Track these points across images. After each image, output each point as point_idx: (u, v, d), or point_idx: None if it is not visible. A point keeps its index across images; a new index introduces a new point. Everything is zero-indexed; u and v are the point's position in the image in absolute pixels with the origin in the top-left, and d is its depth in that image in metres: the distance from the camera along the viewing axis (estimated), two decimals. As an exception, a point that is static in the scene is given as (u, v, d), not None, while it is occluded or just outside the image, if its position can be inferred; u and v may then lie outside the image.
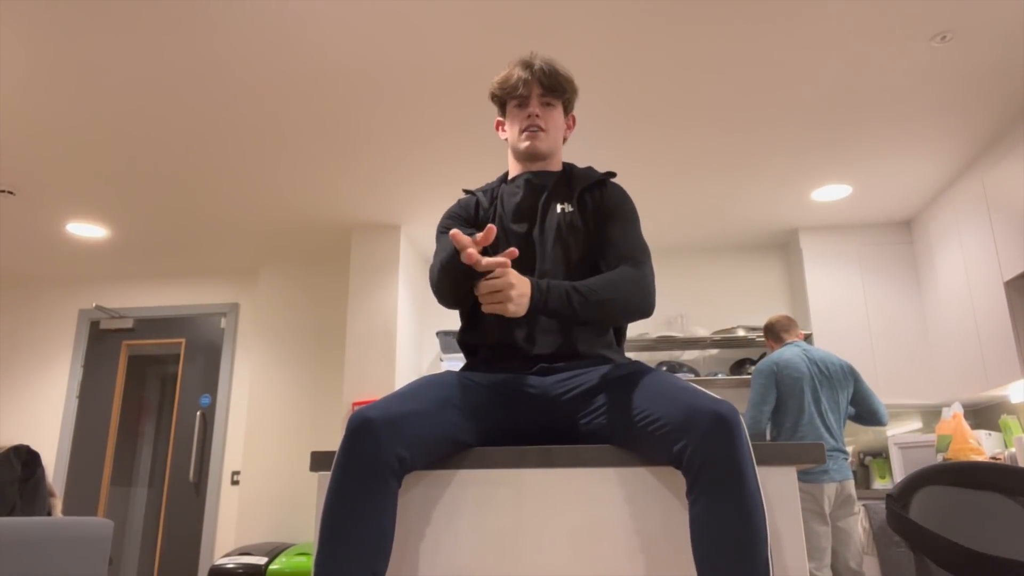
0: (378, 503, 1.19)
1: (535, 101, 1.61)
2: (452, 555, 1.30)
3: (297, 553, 3.97)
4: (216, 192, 4.12)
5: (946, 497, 1.08)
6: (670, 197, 4.21)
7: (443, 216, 1.68)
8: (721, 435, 1.14)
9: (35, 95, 3.15)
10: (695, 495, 1.15)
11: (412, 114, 3.34)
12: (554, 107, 1.64)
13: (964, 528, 0.99)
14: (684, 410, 1.19)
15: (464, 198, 1.69)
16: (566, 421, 1.41)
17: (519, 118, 1.63)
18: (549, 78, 1.60)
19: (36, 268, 5.35)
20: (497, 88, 1.64)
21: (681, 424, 1.18)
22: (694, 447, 1.15)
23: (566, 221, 1.55)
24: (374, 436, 1.21)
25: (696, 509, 1.14)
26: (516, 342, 1.49)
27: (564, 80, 1.63)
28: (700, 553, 1.13)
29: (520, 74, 1.60)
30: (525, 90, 1.60)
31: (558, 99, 1.64)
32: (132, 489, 5.18)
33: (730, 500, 1.12)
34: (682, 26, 2.75)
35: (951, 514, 1.04)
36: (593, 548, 1.28)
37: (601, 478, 1.31)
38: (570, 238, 1.54)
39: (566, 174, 1.65)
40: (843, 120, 3.42)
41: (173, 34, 2.76)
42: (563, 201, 1.59)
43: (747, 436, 1.17)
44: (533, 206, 1.58)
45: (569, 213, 1.56)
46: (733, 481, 1.12)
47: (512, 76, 1.61)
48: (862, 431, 4.51)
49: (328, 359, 4.96)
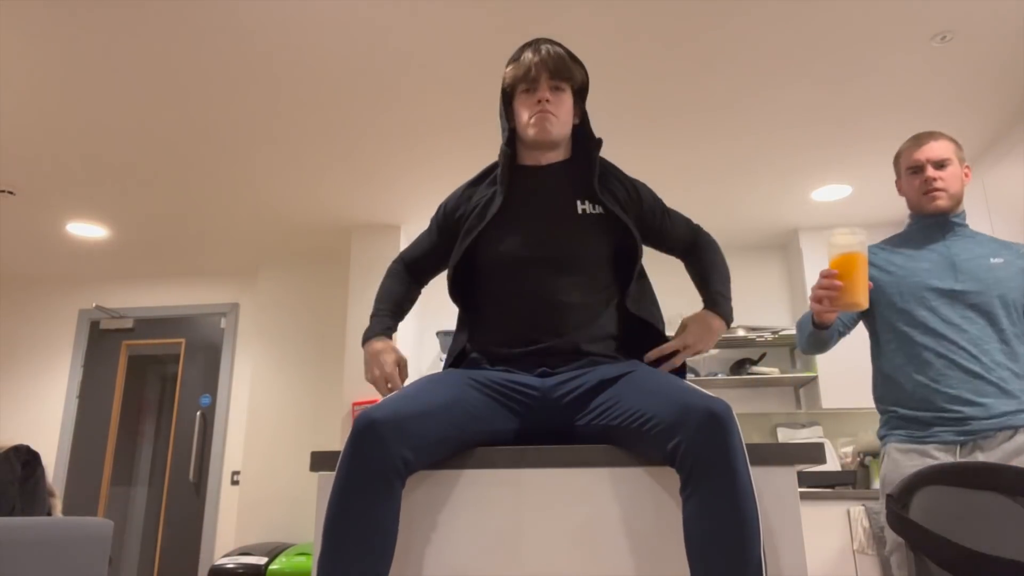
0: (383, 505, 1.19)
1: (544, 85, 1.54)
2: (452, 555, 1.30)
3: (297, 553, 3.97)
4: (216, 192, 4.12)
5: (946, 497, 1.08)
6: (670, 197, 4.21)
7: (438, 210, 1.68)
8: (714, 432, 1.15)
9: (35, 95, 3.15)
10: (688, 492, 1.15)
11: (412, 114, 3.34)
12: (564, 91, 1.56)
13: (964, 528, 0.99)
14: (677, 408, 1.19)
15: (457, 190, 1.66)
16: (565, 423, 1.41)
17: (527, 104, 1.55)
18: (557, 61, 1.53)
19: (36, 268, 5.35)
20: (508, 75, 1.58)
21: (674, 422, 1.18)
22: (687, 444, 1.15)
23: (583, 212, 1.53)
24: (380, 438, 1.20)
25: (689, 506, 1.15)
26: (517, 343, 1.49)
27: (574, 64, 1.57)
28: (693, 550, 1.13)
29: (529, 57, 1.54)
30: (535, 72, 1.53)
31: (567, 83, 1.57)
32: (132, 489, 5.18)
33: (723, 497, 1.12)
34: (682, 26, 2.75)
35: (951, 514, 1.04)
36: (593, 548, 1.28)
37: (601, 478, 1.31)
38: (588, 230, 1.52)
39: (577, 163, 1.61)
40: (843, 120, 3.42)
41: (173, 34, 2.76)
42: (579, 194, 1.56)
43: (740, 433, 1.18)
44: (546, 197, 1.55)
45: (586, 205, 1.54)
46: (726, 478, 1.12)
47: (522, 60, 1.55)
48: (862, 430, 4.51)
49: (328, 359, 4.96)
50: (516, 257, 1.50)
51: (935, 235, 2.06)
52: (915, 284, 2.01)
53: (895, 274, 2.05)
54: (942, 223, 2.05)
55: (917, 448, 1.93)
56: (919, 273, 2.01)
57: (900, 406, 1.99)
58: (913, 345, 1.97)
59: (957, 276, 1.98)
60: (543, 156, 1.59)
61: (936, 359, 1.94)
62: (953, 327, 1.94)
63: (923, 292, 1.99)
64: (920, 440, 1.93)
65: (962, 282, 1.97)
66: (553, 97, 1.54)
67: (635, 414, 1.26)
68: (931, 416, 1.92)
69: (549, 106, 1.53)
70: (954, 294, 1.96)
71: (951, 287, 1.97)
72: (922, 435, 1.93)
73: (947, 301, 1.96)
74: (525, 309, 1.49)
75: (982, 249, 2.02)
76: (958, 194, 2.03)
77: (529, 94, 1.55)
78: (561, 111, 1.55)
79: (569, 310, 1.47)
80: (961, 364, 1.91)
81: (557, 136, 1.56)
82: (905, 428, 1.96)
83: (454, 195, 1.66)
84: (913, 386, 1.95)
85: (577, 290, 1.48)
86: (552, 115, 1.53)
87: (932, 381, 1.93)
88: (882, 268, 2.08)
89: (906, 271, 2.04)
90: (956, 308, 1.95)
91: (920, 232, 2.09)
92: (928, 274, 2.00)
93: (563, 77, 1.55)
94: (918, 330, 1.97)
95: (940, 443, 1.91)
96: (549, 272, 1.49)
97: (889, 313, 2.04)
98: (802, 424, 4.57)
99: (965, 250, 2.02)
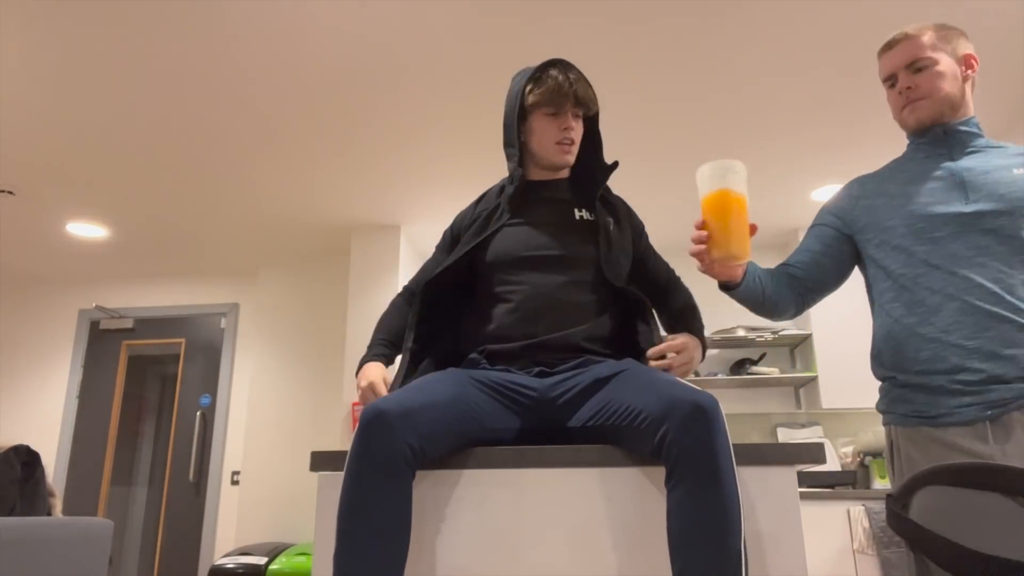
0: (395, 493, 1.20)
1: (570, 113, 1.58)
2: (451, 555, 1.31)
3: (297, 553, 3.97)
4: (216, 192, 4.12)
5: (946, 497, 1.08)
6: (670, 197, 4.21)
7: (444, 233, 1.74)
8: (699, 425, 1.16)
9: (35, 95, 3.15)
10: (672, 483, 1.16)
11: (412, 114, 3.34)
12: (580, 119, 1.62)
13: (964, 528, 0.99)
14: (664, 400, 1.21)
15: (461, 213, 1.72)
16: (562, 423, 1.42)
17: (552, 127, 1.58)
18: (584, 91, 1.58)
19: (36, 268, 5.35)
20: (535, 94, 1.57)
21: (661, 414, 1.20)
22: (672, 436, 1.16)
23: (580, 219, 1.60)
24: (389, 427, 1.21)
25: (672, 497, 1.16)
26: (515, 338, 1.51)
27: (593, 99, 1.61)
28: (673, 540, 1.14)
29: (559, 80, 1.56)
30: (565, 99, 1.56)
31: (586, 113, 1.62)
32: (132, 489, 5.18)
33: (705, 488, 1.13)
34: (681, 26, 2.75)
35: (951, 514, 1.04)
36: (592, 548, 1.28)
37: (600, 478, 1.31)
38: (583, 234, 1.58)
39: (580, 179, 1.67)
40: (843, 120, 3.42)
41: (173, 34, 2.76)
42: (581, 207, 1.63)
43: (726, 427, 1.19)
44: (547, 208, 1.61)
45: (583, 212, 1.61)
46: (709, 470, 1.13)
47: (550, 82, 1.56)
48: (862, 430, 4.51)
49: (328, 359, 4.96)
50: (515, 258, 1.55)
51: (939, 151, 1.61)
52: (911, 214, 1.57)
53: (886, 205, 1.62)
54: (942, 136, 1.61)
55: (934, 435, 1.46)
56: (917, 200, 1.57)
57: (900, 371, 1.54)
58: (914, 289, 1.53)
59: (968, 196, 1.53)
60: (551, 173, 1.66)
61: (945, 303, 1.49)
62: (965, 261, 1.49)
63: (922, 222, 1.55)
64: (934, 422, 1.46)
65: (974, 202, 1.52)
66: (575, 125, 1.59)
67: (627, 411, 1.28)
68: (944, 381, 1.46)
69: (574, 133, 1.59)
70: (964, 219, 1.51)
71: (959, 211, 1.52)
72: (935, 414, 1.46)
73: (955, 229, 1.51)
74: (523, 306, 1.52)
75: (1003, 160, 1.57)
76: (948, 97, 1.59)
77: (553, 118, 1.58)
78: (578, 138, 1.61)
79: (566, 308, 1.51)
80: (979, 306, 1.45)
81: (572, 162, 1.63)
82: (909, 402, 1.51)
83: (462, 216, 1.71)
84: (918, 342, 1.50)
85: (573, 289, 1.53)
86: (575, 145, 1.60)
87: (942, 332, 1.47)
88: (871, 200, 1.66)
89: (901, 199, 1.60)
90: (968, 236, 1.50)
91: (919, 151, 1.65)
92: (929, 199, 1.56)
93: (587, 107, 1.59)
94: (919, 269, 1.53)
95: (962, 423, 1.42)
96: (546, 272, 1.53)
97: (881, 254, 1.61)
98: (802, 424, 4.57)
99: (979, 163, 1.56)
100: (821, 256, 1.70)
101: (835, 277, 1.71)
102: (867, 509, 3.62)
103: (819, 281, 1.70)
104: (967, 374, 1.43)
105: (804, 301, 1.73)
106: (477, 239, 1.59)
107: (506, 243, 1.57)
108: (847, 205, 1.70)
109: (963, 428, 1.42)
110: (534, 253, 1.54)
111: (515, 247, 1.56)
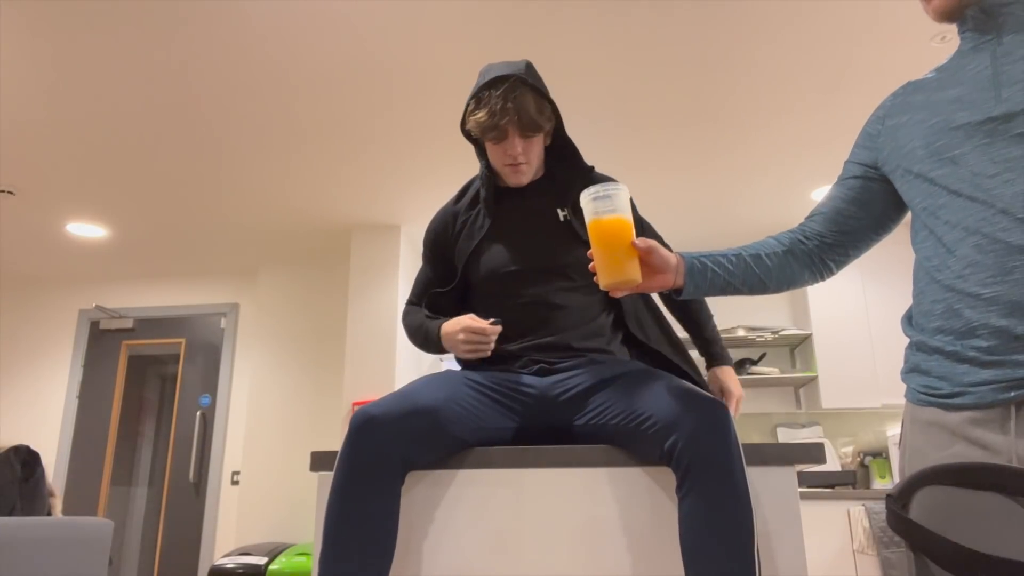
0: (382, 501, 1.20)
1: (515, 140, 1.47)
2: (451, 555, 1.30)
3: (297, 553, 3.97)
4: (216, 192, 4.12)
5: (946, 497, 1.08)
6: (670, 197, 4.21)
7: (425, 237, 1.67)
8: (711, 432, 1.15)
9: (35, 95, 3.15)
10: (684, 491, 1.16)
11: (412, 114, 3.34)
12: (534, 137, 1.50)
13: (964, 528, 0.99)
14: (674, 408, 1.20)
15: (441, 213, 1.65)
16: (563, 421, 1.42)
17: (498, 152, 1.50)
18: (526, 117, 1.43)
19: (36, 268, 5.35)
20: (474, 124, 1.47)
21: (671, 421, 1.19)
22: (683, 444, 1.16)
23: (565, 219, 1.56)
24: (378, 434, 1.21)
25: (684, 505, 1.15)
26: (513, 340, 1.51)
27: (541, 114, 1.46)
28: (687, 549, 1.13)
29: (498, 106, 1.42)
30: (504, 129, 1.45)
31: (537, 134, 1.50)
32: (132, 489, 5.18)
33: (718, 497, 1.13)
34: (680, 26, 2.75)
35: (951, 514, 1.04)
36: (592, 547, 1.28)
37: (600, 478, 1.31)
38: (570, 237, 1.54)
39: (553, 177, 1.61)
40: (843, 120, 3.42)
41: (174, 35, 2.76)
42: (559, 203, 1.58)
43: (735, 433, 1.18)
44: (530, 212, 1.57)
45: (566, 211, 1.57)
46: (721, 478, 1.13)
47: (489, 108, 1.43)
48: (862, 430, 4.51)
49: (328, 359, 4.96)
50: (508, 271, 1.53)
51: (986, 37, 1.13)
52: (932, 129, 1.14)
53: (908, 122, 1.19)
54: (981, 16, 1.12)
55: (944, 421, 1.08)
56: (941, 109, 1.14)
57: (918, 330, 1.17)
58: (934, 226, 1.13)
59: (1000, 93, 1.07)
60: None
61: (963, 239, 1.07)
62: (988, 180, 1.05)
63: (943, 138, 1.12)
64: (946, 403, 1.08)
65: (1008, 100, 1.06)
66: (525, 145, 1.48)
67: (632, 413, 1.27)
68: (958, 346, 1.07)
69: (521, 158, 1.49)
70: (991, 126, 1.07)
71: (987, 115, 1.08)
72: (948, 393, 1.08)
73: (981, 140, 1.08)
74: (520, 314, 1.51)
75: None
76: None
77: (498, 143, 1.48)
78: (532, 156, 1.51)
79: (562, 312, 1.51)
80: (1000, 239, 1.02)
81: (530, 178, 1.57)
82: (925, 373, 1.13)
83: (437, 220, 1.65)
84: (934, 292, 1.12)
85: (569, 293, 1.52)
86: (525, 166, 1.51)
87: (957, 278, 1.07)
88: (896, 118, 1.22)
89: (925, 111, 1.17)
90: (995, 148, 1.06)
91: (965, 42, 1.17)
92: (954, 106, 1.12)
93: (533, 130, 1.47)
94: (940, 200, 1.11)
95: (977, 407, 1.03)
96: (540, 280, 1.52)
97: (905, 187, 1.20)
98: (802, 424, 4.57)
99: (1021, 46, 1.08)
100: (843, 203, 1.30)
101: (867, 225, 1.29)
102: (867, 509, 3.62)
103: (844, 234, 1.30)
104: (981, 337, 1.03)
105: (825, 263, 1.34)
106: (466, 255, 1.56)
107: (493, 261, 1.53)
108: (873, 130, 1.28)
109: (977, 413, 1.04)
110: (522, 268, 1.52)
111: (503, 263, 1.53)
